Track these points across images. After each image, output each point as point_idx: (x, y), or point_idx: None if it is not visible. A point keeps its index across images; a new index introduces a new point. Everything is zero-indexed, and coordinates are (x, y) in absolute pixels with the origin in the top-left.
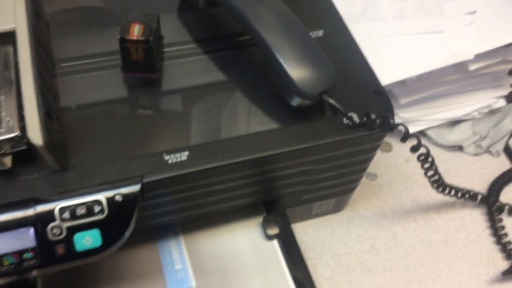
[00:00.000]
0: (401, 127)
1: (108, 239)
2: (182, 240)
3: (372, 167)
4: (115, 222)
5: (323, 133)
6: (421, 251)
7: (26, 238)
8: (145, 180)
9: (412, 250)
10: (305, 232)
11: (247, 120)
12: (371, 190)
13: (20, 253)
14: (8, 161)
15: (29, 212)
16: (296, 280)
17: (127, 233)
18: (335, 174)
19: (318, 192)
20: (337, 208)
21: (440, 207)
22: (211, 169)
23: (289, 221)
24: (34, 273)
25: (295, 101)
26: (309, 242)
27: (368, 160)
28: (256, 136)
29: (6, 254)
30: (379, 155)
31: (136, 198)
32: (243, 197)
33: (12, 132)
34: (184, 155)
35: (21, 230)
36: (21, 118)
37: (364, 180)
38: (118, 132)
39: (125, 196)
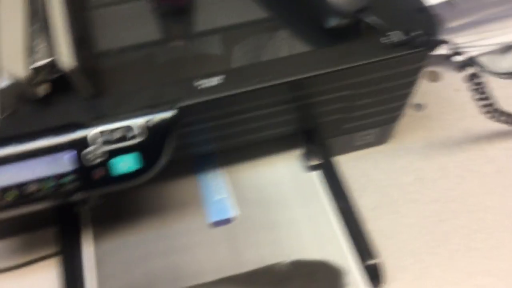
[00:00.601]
0: (445, 45)
1: (144, 163)
2: (221, 171)
3: (419, 97)
4: (150, 147)
5: (361, 53)
6: (470, 182)
7: (64, 163)
8: (178, 106)
9: (461, 181)
10: (348, 164)
11: (283, 43)
12: (418, 121)
13: (60, 176)
14: (44, 88)
15: (67, 137)
16: (340, 210)
17: (163, 159)
18: (376, 101)
19: (358, 121)
20: (380, 140)
21: (492, 137)
22: (246, 93)
23: (330, 152)
24: (74, 197)
25: (332, 22)
26: (352, 174)
27: (411, 84)
28: (292, 59)
29: (46, 178)
30: (427, 85)
31: (169, 123)
32: (280, 125)
33: (46, 58)
34: (216, 80)
35: (60, 154)
36: (55, 45)
37: (410, 111)
38: (151, 60)
39: (158, 121)
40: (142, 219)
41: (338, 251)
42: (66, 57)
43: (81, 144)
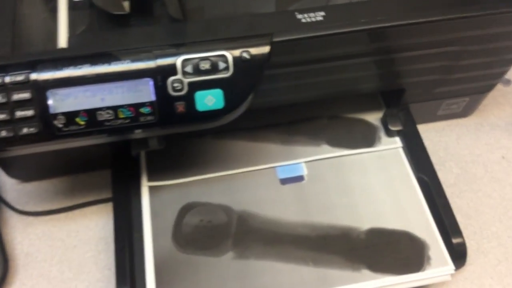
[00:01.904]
0: None
1: (231, 101)
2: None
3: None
4: (240, 83)
5: (483, 2)
6: None
7: (144, 91)
8: (276, 39)
9: None
10: (427, 135)
11: None
12: (505, 96)
13: (137, 106)
14: (126, 5)
15: (150, 63)
16: (420, 181)
17: (251, 97)
18: (481, 62)
19: (453, 85)
20: (465, 112)
21: None
22: (349, 34)
23: (413, 119)
24: (152, 131)
25: None
26: (431, 146)
27: None
28: (403, 1)
29: (122, 106)
30: None
31: (264, 57)
32: (371, 79)
33: None
34: (319, 15)
35: (140, 81)
36: None
37: (497, 85)
38: None
39: (253, 54)
40: (205, 170)
41: (422, 223)
42: None
43: (168, 71)
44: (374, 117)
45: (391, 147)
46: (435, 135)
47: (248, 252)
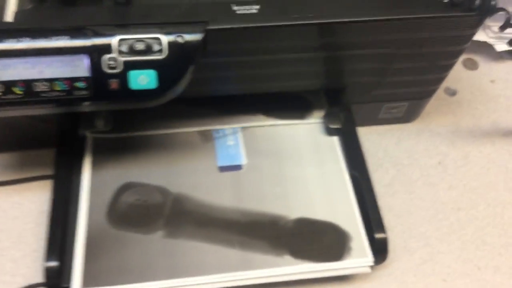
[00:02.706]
0: (502, 12)
1: (164, 82)
2: (237, 119)
3: (452, 82)
4: (173, 66)
5: (415, 7)
6: (494, 176)
7: (80, 66)
8: (210, 27)
9: (484, 172)
10: (368, 137)
11: None
12: (448, 106)
13: (72, 80)
14: None
15: (87, 40)
16: (352, 177)
17: (184, 81)
18: (414, 67)
19: (391, 88)
20: (407, 117)
21: None
22: (281, 28)
23: (354, 119)
24: (85, 105)
25: None
26: (371, 147)
27: (455, 55)
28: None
29: (58, 79)
30: (462, 72)
31: (197, 43)
32: (307, 76)
33: None
34: (254, 8)
35: (76, 56)
36: None
37: (441, 94)
38: None
39: (187, 39)
40: (147, 155)
41: (348, 216)
42: None
43: (103, 49)
44: (317, 115)
45: (330, 143)
46: (376, 138)
47: (178, 232)
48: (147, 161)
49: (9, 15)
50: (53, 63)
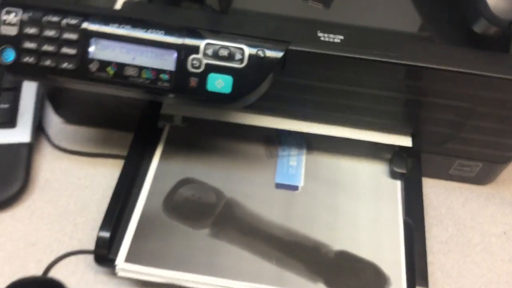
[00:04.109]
0: None
1: (238, 89)
2: (304, 143)
3: None
4: (249, 76)
5: (500, 66)
6: None
7: (168, 60)
8: (291, 47)
9: None
10: (434, 189)
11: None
12: None
13: (158, 71)
14: None
15: (179, 38)
16: (406, 223)
17: (257, 92)
18: (490, 127)
19: (465, 144)
20: (480, 179)
21: None
22: (358, 61)
23: (421, 168)
24: (164, 96)
25: (481, 26)
26: (435, 201)
27: None
28: (424, 43)
29: (147, 68)
30: None
31: (276, 60)
32: (379, 114)
33: None
34: (338, 38)
35: (166, 51)
36: None
37: None
38: None
39: (267, 54)
40: (212, 156)
41: (392, 261)
42: None
43: (191, 49)
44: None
45: (392, 187)
46: (442, 192)
47: (223, 234)
48: (210, 162)
49: (119, 4)
50: (146, 52)
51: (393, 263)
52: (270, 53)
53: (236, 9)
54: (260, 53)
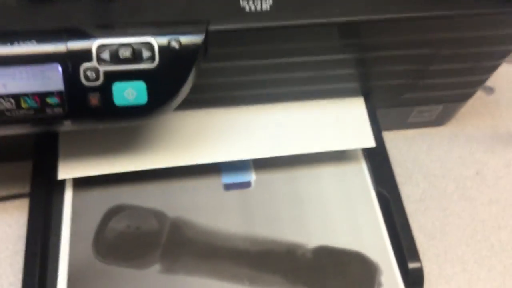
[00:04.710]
0: None
1: (156, 95)
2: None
3: (489, 79)
4: (167, 76)
5: (462, 2)
6: None
7: (52, 78)
8: (212, 28)
9: None
10: (395, 143)
11: None
12: (486, 106)
13: (42, 95)
14: None
15: (60, 45)
16: (380, 195)
17: (181, 94)
18: (454, 69)
19: (425, 91)
20: (439, 120)
21: None
22: (300, 28)
23: (380, 127)
24: (59, 125)
25: None
26: (398, 156)
27: (504, 55)
28: None
29: (25, 94)
30: (502, 67)
31: (197, 48)
32: (328, 80)
33: None
34: (266, 4)
35: (46, 66)
36: None
37: (477, 93)
38: None
39: (184, 44)
40: (140, 170)
41: (377, 243)
42: None
43: (81, 56)
44: None
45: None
46: (404, 144)
47: (178, 266)
48: (140, 178)
49: None
50: (19, 74)
51: (378, 246)
52: (186, 41)
53: None
54: (174, 44)
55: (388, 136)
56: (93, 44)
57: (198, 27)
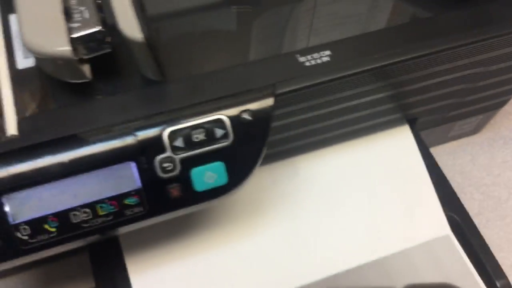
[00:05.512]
0: None
1: (236, 172)
2: None
3: None
4: (245, 150)
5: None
6: None
7: (126, 177)
8: (279, 90)
9: None
10: (439, 159)
11: (392, 8)
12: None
13: (120, 198)
14: (87, 70)
15: (128, 140)
16: (451, 220)
17: (258, 163)
18: (498, 81)
19: (469, 106)
20: (476, 129)
21: None
22: (363, 73)
23: (430, 154)
24: (140, 224)
25: None
26: (446, 172)
27: None
28: (408, 28)
29: (101, 201)
30: None
31: (267, 114)
32: (384, 114)
33: (90, 26)
34: (325, 55)
35: (119, 166)
36: (100, 8)
37: None
38: (228, 34)
39: (255, 112)
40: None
41: (461, 270)
42: (132, 23)
43: (152, 148)
44: None
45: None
46: (447, 159)
47: None
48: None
49: (11, 127)
50: (90, 180)
51: (462, 272)
52: (256, 109)
53: (177, 74)
54: (245, 115)
55: (432, 153)
56: (164, 132)
57: (265, 92)
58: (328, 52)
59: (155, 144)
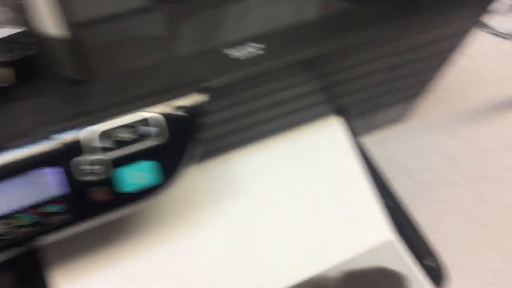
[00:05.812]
0: None
1: (168, 170)
2: None
3: None
4: (176, 148)
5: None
6: (502, 155)
7: (48, 183)
8: (212, 84)
9: (492, 155)
10: (367, 148)
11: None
12: (435, 92)
13: (41, 206)
14: (10, 74)
15: (46, 144)
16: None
17: (189, 160)
18: (417, 67)
19: (394, 93)
20: (401, 116)
21: None
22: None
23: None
24: (68, 231)
25: None
26: (376, 159)
27: (457, 44)
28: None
29: (21, 211)
30: None
31: (201, 109)
32: (312, 106)
33: (13, 28)
34: (255, 47)
35: (38, 172)
36: (23, 8)
37: None
38: (157, 29)
39: (187, 108)
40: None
41: (393, 253)
42: (52, 21)
43: (72, 150)
44: None
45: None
46: (376, 147)
47: None
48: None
49: None
50: (6, 189)
51: (395, 254)
52: (190, 105)
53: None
54: (180, 112)
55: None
56: (87, 133)
57: (196, 88)
58: (258, 45)
59: (76, 147)
